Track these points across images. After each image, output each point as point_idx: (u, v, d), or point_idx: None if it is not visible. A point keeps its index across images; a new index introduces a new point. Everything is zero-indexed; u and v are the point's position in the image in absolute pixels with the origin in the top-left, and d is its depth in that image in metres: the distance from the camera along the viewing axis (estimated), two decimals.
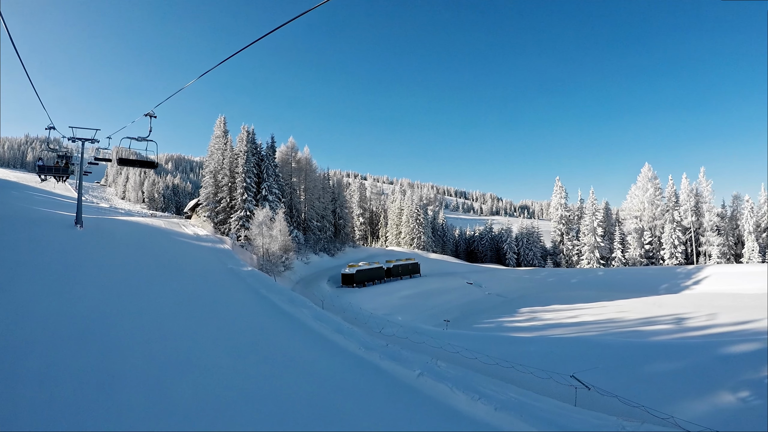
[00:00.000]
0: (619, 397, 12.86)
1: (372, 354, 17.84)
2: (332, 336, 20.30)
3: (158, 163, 19.81)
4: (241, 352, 15.68)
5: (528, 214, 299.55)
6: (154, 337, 14.72)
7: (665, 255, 72.12)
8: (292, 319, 22.14)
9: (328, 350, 18.27)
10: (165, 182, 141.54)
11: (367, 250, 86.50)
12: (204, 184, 56.08)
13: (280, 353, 16.87)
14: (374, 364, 16.83)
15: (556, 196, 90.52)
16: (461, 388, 13.95)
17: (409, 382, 14.87)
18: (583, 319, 39.39)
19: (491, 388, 14.16)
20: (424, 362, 17.27)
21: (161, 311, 17.97)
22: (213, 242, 42.43)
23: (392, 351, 18.93)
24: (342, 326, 22.22)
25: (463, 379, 15.59)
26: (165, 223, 50.23)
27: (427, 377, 15.34)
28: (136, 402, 9.69)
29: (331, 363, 16.73)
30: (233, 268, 32.12)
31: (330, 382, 14.69)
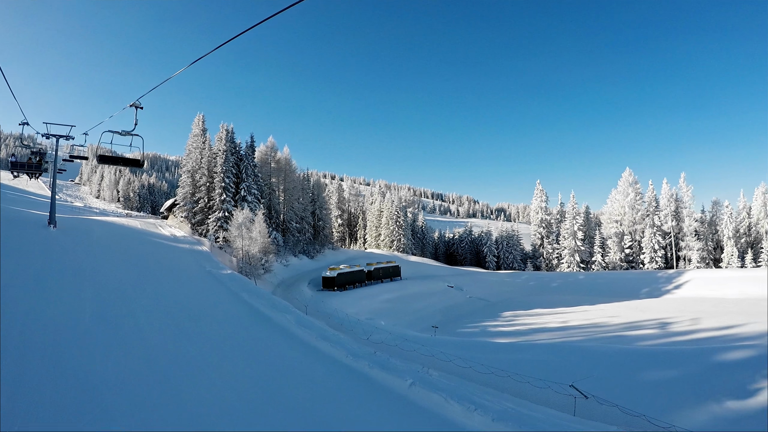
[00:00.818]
0: (619, 406, 12.57)
1: (360, 362, 17.04)
2: (317, 343, 19.41)
3: (144, 161, 16.81)
4: (224, 361, 14.71)
5: (505, 216, 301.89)
6: (132, 348, 13.67)
7: (645, 259, 73.09)
8: (276, 325, 21.15)
9: (314, 358, 17.41)
10: (141, 181, 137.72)
11: (346, 252, 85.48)
12: (181, 184, 54.32)
13: (265, 362, 15.93)
14: (363, 373, 16.08)
15: (537, 199, 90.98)
16: (456, 398, 13.32)
17: (400, 392, 14.12)
18: (567, 324, 39.18)
19: (487, 398, 13.60)
20: (415, 371, 16.58)
21: (139, 318, 16.84)
22: (191, 244, 40.89)
23: (381, 359, 18.14)
24: (327, 333, 21.32)
25: (457, 388, 14.94)
26: (141, 223, 48.35)
27: (419, 387, 14.67)
28: (114, 420, 8.99)
29: (318, 372, 15.92)
30: (212, 271, 30.87)
31: (317, 392, 13.87)
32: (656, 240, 72.28)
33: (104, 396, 10.05)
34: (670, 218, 72.60)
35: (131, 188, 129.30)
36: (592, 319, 40.50)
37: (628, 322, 38.83)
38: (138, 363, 12.69)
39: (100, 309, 16.63)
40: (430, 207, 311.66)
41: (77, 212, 70.26)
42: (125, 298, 18.98)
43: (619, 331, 35.48)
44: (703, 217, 73.06)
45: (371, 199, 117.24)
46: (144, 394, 10.63)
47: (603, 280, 65.74)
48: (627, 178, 79.28)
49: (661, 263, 72.09)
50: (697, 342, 30.93)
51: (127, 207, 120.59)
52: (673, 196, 75.01)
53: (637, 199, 76.87)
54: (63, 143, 32.79)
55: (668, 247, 73.40)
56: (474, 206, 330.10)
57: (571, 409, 13.53)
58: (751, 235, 70.19)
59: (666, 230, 73.54)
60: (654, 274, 64.84)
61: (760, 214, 69.54)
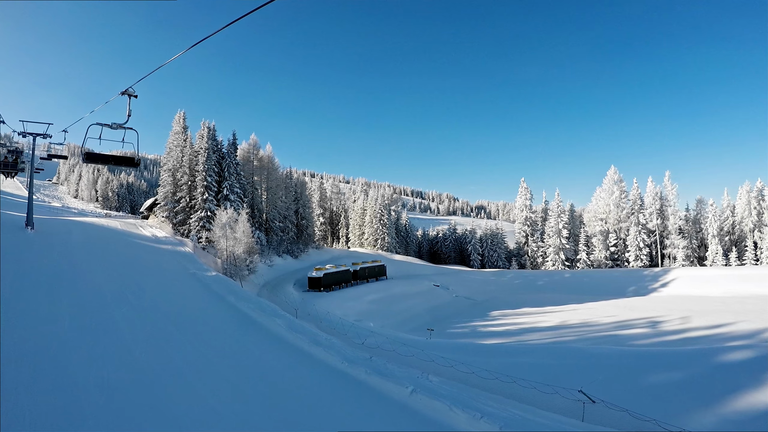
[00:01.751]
0: (629, 411, 12.17)
1: (357, 369, 16.32)
2: (311, 349, 18.60)
3: (139, 160, 14.39)
4: (213, 371, 13.83)
5: (485, 214, 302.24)
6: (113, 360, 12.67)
7: (630, 257, 73.75)
8: (266, 330, 20.23)
9: (309, 365, 16.63)
10: (119, 180, 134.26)
11: (330, 252, 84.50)
12: (162, 183, 52.60)
13: (257, 372, 15.07)
14: (360, 380, 15.43)
15: (521, 197, 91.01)
16: (460, 405, 12.68)
17: (401, 400, 13.46)
18: (557, 323, 39.04)
19: (492, 405, 13.11)
20: (415, 377, 15.95)
21: (120, 327, 15.80)
22: (173, 245, 39.45)
23: (378, 365, 17.40)
24: (319, 337, 20.50)
25: (460, 395, 14.39)
26: (121, 224, 46.59)
27: (420, 394, 14.10)
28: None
29: (313, 380, 15.20)
30: (196, 273, 29.70)
31: (314, 401, 13.12)
32: (641, 238, 72.94)
33: (84, 412, 9.16)
34: (655, 216, 73.35)
35: (110, 188, 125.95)
36: (582, 319, 40.41)
37: (619, 321, 38.86)
38: (121, 375, 11.76)
39: (79, 317, 15.54)
40: (411, 205, 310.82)
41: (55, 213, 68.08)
42: (106, 306, 17.85)
43: (611, 330, 35.41)
44: (687, 215, 74.07)
45: (353, 197, 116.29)
46: (128, 408, 9.86)
47: (589, 279, 66.09)
48: (612, 176, 79.83)
49: (646, 261, 72.78)
50: (690, 341, 31.01)
51: (105, 207, 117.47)
52: (658, 194, 75.79)
53: (622, 197, 77.45)
54: (40, 142, 31.76)
55: (653, 245, 74.22)
56: (454, 204, 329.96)
57: (579, 414, 13.13)
58: (735, 234, 71.40)
59: (651, 228, 74.35)
60: (640, 272, 65.39)
61: (744, 213, 70.60)
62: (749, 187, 70.99)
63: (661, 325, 36.51)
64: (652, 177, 76.38)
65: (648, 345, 30.27)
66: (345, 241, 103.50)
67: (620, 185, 79.23)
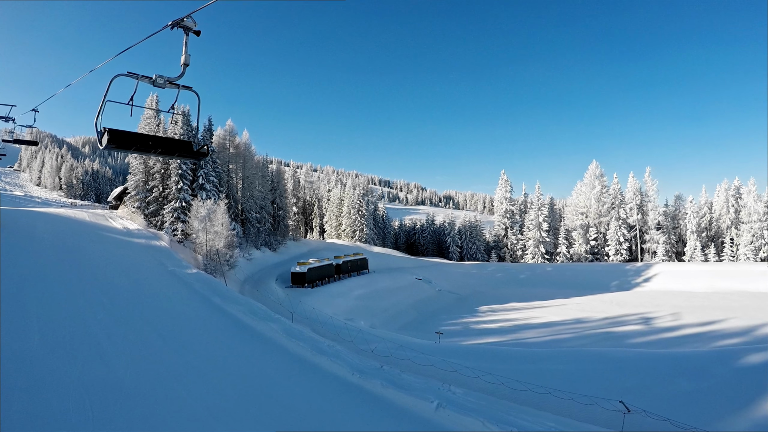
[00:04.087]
0: (671, 420, 11.59)
1: (370, 381, 14.74)
2: (314, 358, 16.85)
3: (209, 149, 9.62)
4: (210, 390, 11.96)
5: (453, 204, 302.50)
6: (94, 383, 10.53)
7: (610, 251, 73.99)
8: (262, 337, 18.32)
9: (316, 378, 14.95)
10: (83, 167, 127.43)
11: (308, 243, 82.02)
12: (132, 171, 49.08)
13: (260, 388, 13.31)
14: (377, 394, 14.02)
15: (501, 189, 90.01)
16: (494, 421, 11.72)
17: (426, 417, 12.23)
18: (549, 319, 38.27)
19: (527, 419, 12.26)
20: (436, 389, 14.51)
21: (99, 338, 13.66)
22: (147, 238, 36.59)
23: (392, 375, 15.77)
24: (321, 344, 18.69)
25: (490, 409, 13.09)
26: (89, 215, 43.16)
27: (447, 410, 12.89)
28: None
29: (323, 395, 13.63)
30: (175, 270, 27.29)
31: (326, 420, 11.69)
32: (621, 233, 73.23)
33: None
34: (636, 211, 73.85)
35: (74, 175, 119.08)
36: (573, 315, 39.76)
37: (610, 317, 38.36)
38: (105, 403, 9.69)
39: (50, 330, 13.28)
40: (379, 194, 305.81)
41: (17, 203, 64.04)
42: (79, 312, 15.54)
43: (606, 327, 34.84)
44: (666, 211, 74.77)
45: (327, 186, 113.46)
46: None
47: (571, 272, 66.00)
48: (594, 170, 79.86)
49: (626, 256, 73.25)
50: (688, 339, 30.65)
51: (70, 195, 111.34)
52: (639, 189, 76.19)
53: (603, 192, 77.51)
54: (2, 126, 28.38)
55: (633, 239, 74.77)
56: (422, 194, 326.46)
57: (618, 425, 12.30)
58: (712, 230, 72.41)
59: (631, 223, 74.78)
60: (622, 266, 65.67)
61: (722, 210, 71.68)
62: (727, 185, 72.12)
63: (653, 321, 36.16)
64: (633, 172, 77.03)
65: (647, 343, 29.83)
66: (319, 231, 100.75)
67: (601, 180, 79.23)
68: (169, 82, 5.79)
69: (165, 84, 5.78)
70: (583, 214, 78.50)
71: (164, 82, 5.75)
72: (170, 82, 5.79)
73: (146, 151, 5.93)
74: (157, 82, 5.71)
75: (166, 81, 5.77)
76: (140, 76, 5.59)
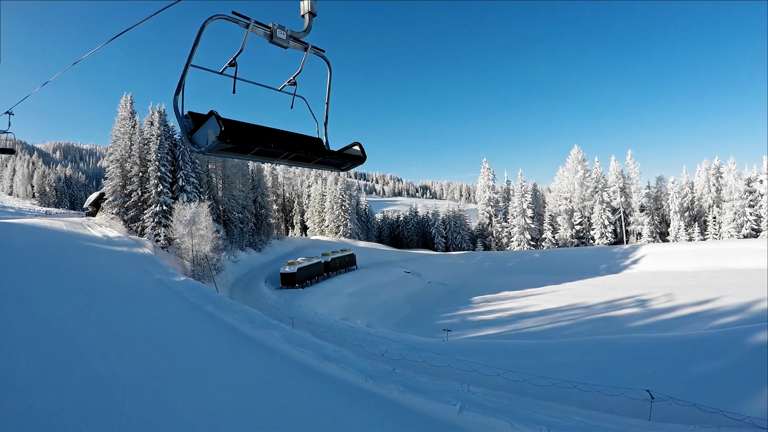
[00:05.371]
0: (698, 405, 11.62)
1: (385, 386, 14.01)
2: (321, 365, 16.00)
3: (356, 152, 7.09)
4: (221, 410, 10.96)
5: (430, 194, 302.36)
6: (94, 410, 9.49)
7: (595, 235, 74.62)
8: (263, 347, 17.34)
9: (324, 386, 14.11)
10: (56, 173, 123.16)
11: (292, 242, 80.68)
12: (109, 175, 47.00)
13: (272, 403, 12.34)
14: (394, 400, 13.33)
15: (483, 177, 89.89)
16: (521, 421, 11.24)
17: (450, 421, 11.58)
18: (545, 307, 38.02)
19: (553, 415, 11.91)
20: (454, 390, 13.92)
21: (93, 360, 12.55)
22: (129, 246, 34.97)
23: (406, 379, 15.04)
24: (327, 349, 17.81)
25: (514, 408, 12.48)
26: (66, 224, 41.13)
27: (471, 412, 12.36)
28: None
29: (337, 405, 12.86)
30: (162, 279, 25.99)
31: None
32: (606, 216, 73.86)
33: None
34: (619, 194, 74.43)
35: (47, 182, 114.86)
36: (567, 301, 39.65)
37: (605, 301, 38.33)
38: None
39: (37, 353, 12.10)
40: (355, 187, 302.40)
41: None
42: (68, 333, 14.35)
43: (603, 312, 34.73)
44: (649, 192, 75.60)
45: (307, 182, 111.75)
46: None
47: (560, 258, 66.19)
48: (576, 155, 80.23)
49: (611, 238, 74.00)
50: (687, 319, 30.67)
51: (43, 203, 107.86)
52: (621, 172, 76.84)
53: (586, 176, 78.00)
54: None
55: (618, 222, 75.48)
56: (399, 185, 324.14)
57: (645, 413, 12.17)
58: (694, 210, 73.72)
59: (615, 206, 75.42)
60: (609, 249, 66.12)
61: (704, 190, 72.91)
62: (708, 165, 73.57)
63: (648, 303, 36.24)
64: (614, 156, 77.65)
65: (647, 326, 29.73)
66: (301, 228, 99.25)
67: (584, 164, 79.70)
68: (293, 39, 3.76)
69: (287, 41, 3.72)
70: (567, 199, 78.89)
71: (286, 37, 3.68)
72: (294, 38, 3.76)
73: (268, 155, 3.74)
74: (276, 36, 3.62)
75: (290, 36, 3.71)
76: (252, 23, 3.44)
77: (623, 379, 14.29)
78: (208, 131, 3.19)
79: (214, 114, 3.16)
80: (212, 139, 3.14)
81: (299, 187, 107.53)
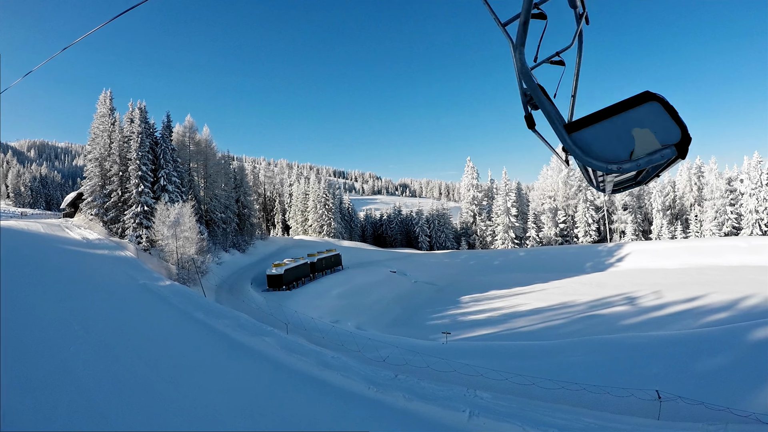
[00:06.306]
0: (705, 403, 11.71)
1: (391, 394, 13.51)
2: (321, 373, 15.38)
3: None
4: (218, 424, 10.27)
5: (409, 192, 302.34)
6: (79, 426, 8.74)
7: (579, 233, 75.36)
8: (258, 355, 16.63)
9: (326, 396, 13.56)
10: (31, 173, 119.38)
11: (276, 242, 79.57)
12: (88, 174, 45.22)
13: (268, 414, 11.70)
14: (402, 408, 12.88)
15: (467, 176, 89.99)
16: (533, 425, 11.07)
17: (460, 427, 11.29)
18: (535, 306, 38.00)
19: (565, 417, 11.84)
20: (462, 396, 13.57)
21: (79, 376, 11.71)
22: (110, 249, 33.61)
23: (411, 385, 14.52)
24: (325, 356, 17.18)
25: (524, 412, 12.21)
26: (43, 226, 39.37)
27: (482, 417, 11.74)
28: None
29: (339, 415, 12.32)
30: (148, 284, 24.95)
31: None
32: (590, 214, 74.74)
33: None
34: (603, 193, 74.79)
35: (21, 181, 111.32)
36: (557, 299, 39.72)
37: (595, 299, 38.50)
38: None
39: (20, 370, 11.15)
40: (335, 186, 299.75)
41: None
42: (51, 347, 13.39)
43: (594, 310, 34.84)
44: (632, 190, 76.34)
45: (289, 180, 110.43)
46: None
47: (545, 256, 66.51)
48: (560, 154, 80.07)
49: (595, 237, 74.94)
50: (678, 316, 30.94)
51: (18, 204, 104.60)
52: None
53: (570, 175, 78.64)
54: None
55: (602, 220, 76.36)
56: (378, 183, 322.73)
57: (653, 413, 12.26)
58: (676, 208, 75.04)
59: (599, 205, 76.38)
60: (594, 248, 66.68)
61: (685, 188, 74.18)
62: (689, 164, 74.99)
63: (638, 301, 36.49)
64: None
65: (639, 324, 29.90)
66: (283, 228, 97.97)
67: None
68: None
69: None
70: (551, 197, 79.52)
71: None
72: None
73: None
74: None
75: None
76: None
77: (630, 379, 14.21)
78: (640, 133, 1.86)
79: (659, 99, 1.86)
80: (652, 151, 1.82)
81: (280, 185, 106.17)
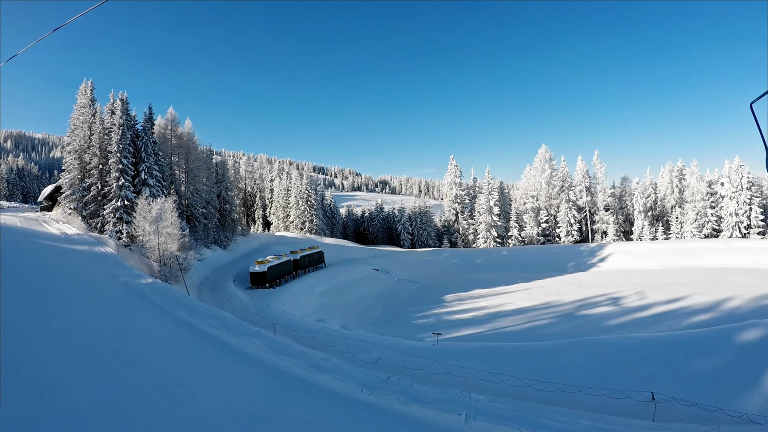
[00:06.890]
0: (699, 404, 11.89)
1: (385, 397, 13.31)
2: (311, 375, 15.10)
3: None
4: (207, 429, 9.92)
5: (389, 189, 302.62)
6: None
7: (561, 233, 76.44)
8: (246, 357, 16.25)
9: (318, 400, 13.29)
10: (7, 164, 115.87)
11: (257, 238, 78.53)
12: (67, 167, 43.73)
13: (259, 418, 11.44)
14: (396, 411, 12.33)
15: (450, 174, 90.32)
16: (530, 427, 11.06)
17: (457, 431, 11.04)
18: (519, 305, 38.26)
19: (560, 420, 11.85)
20: (457, 398, 13.44)
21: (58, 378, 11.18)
22: (90, 244, 32.58)
23: (404, 387, 14.33)
24: (315, 358, 16.88)
25: (521, 414, 12.14)
26: (20, 220, 37.98)
27: (479, 420, 11.52)
28: None
29: (337, 420, 12.01)
30: (129, 281, 24.22)
31: None
32: (572, 215, 75.82)
33: None
34: (585, 193, 76.34)
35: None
36: (541, 299, 40.11)
37: (579, 299, 38.92)
38: None
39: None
40: (316, 182, 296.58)
41: None
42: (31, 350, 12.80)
43: (580, 310, 35.24)
44: (614, 192, 78.18)
45: (270, 175, 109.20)
46: None
47: (527, 256, 67.11)
48: (543, 154, 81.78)
49: (576, 237, 76.08)
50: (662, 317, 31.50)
51: None
52: (587, 172, 78.73)
53: (553, 175, 79.59)
54: None
55: (583, 221, 77.51)
56: (357, 180, 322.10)
57: (649, 414, 12.43)
58: (657, 210, 76.57)
59: (581, 205, 77.47)
60: (577, 248, 67.56)
61: (667, 191, 75.60)
62: (671, 167, 76.66)
63: (621, 301, 37.03)
64: (581, 155, 79.93)
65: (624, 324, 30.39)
66: (263, 224, 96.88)
67: (551, 163, 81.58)
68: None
69: None
70: (534, 197, 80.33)
71: None
72: None
73: None
74: None
75: None
76: None
77: (625, 381, 14.36)
78: None
79: None
80: None
81: (260, 180, 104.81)
